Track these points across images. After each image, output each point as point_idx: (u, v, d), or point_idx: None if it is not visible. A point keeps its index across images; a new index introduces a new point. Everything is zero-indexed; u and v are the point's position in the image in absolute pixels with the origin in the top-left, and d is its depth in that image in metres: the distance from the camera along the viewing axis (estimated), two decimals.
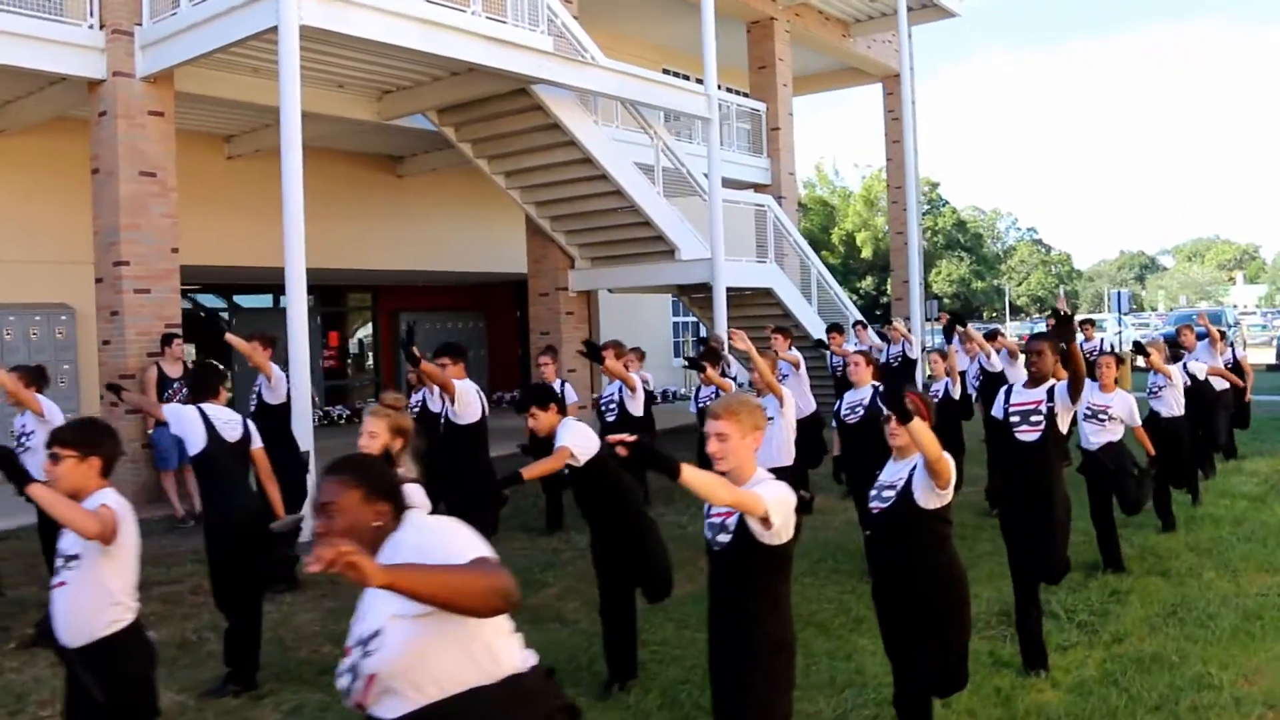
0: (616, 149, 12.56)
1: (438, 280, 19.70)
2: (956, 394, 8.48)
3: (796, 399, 9.35)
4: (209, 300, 18.95)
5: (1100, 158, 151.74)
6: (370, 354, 20.98)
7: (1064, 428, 5.20)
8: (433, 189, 17.06)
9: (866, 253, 51.78)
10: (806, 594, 6.69)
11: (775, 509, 3.09)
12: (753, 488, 3.18)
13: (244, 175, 14.63)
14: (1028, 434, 5.18)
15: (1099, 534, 7.12)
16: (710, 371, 7.24)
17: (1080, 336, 11.90)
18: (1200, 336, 10.71)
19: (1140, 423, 7.46)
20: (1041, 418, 5.15)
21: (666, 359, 21.79)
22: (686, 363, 6.91)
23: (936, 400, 8.51)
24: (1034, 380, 5.29)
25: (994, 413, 5.47)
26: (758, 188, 17.22)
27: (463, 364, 6.75)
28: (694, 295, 14.65)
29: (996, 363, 9.79)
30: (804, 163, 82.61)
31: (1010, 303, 61.97)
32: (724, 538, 3.27)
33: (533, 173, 12.98)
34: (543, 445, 5.14)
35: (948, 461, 3.74)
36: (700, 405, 7.54)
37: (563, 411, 5.05)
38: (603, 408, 7.34)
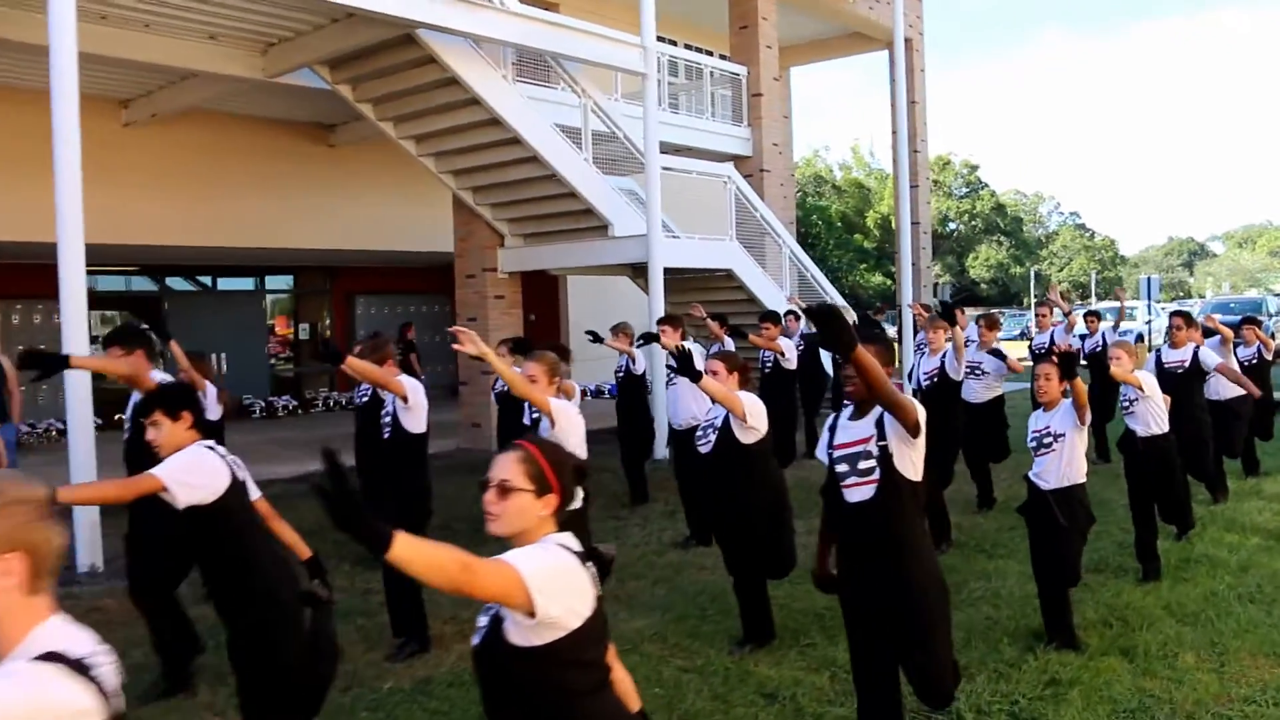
0: (535, 110, 10.83)
1: (386, 260, 18.08)
2: None
3: (692, 400, 7.70)
4: (181, 285, 17.67)
5: (1151, 142, 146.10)
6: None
7: (913, 473, 3.41)
8: (368, 159, 15.35)
9: None
10: (642, 670, 4.97)
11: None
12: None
13: (146, 144, 13.23)
14: (858, 489, 3.40)
15: (1043, 597, 5.33)
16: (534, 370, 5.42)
17: (1067, 325, 9.96)
18: (1207, 334, 8.73)
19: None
20: (873, 463, 3.37)
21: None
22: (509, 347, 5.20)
23: None
24: (856, 409, 3.51)
25: (818, 454, 3.70)
26: (738, 160, 15.38)
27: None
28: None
29: (960, 366, 7.78)
30: (840, 144, 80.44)
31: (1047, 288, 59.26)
32: None
33: (443, 137, 11.29)
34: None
35: (493, 573, 2.05)
36: (534, 417, 5.80)
37: (199, 427, 3.77)
38: (381, 422, 5.70)
